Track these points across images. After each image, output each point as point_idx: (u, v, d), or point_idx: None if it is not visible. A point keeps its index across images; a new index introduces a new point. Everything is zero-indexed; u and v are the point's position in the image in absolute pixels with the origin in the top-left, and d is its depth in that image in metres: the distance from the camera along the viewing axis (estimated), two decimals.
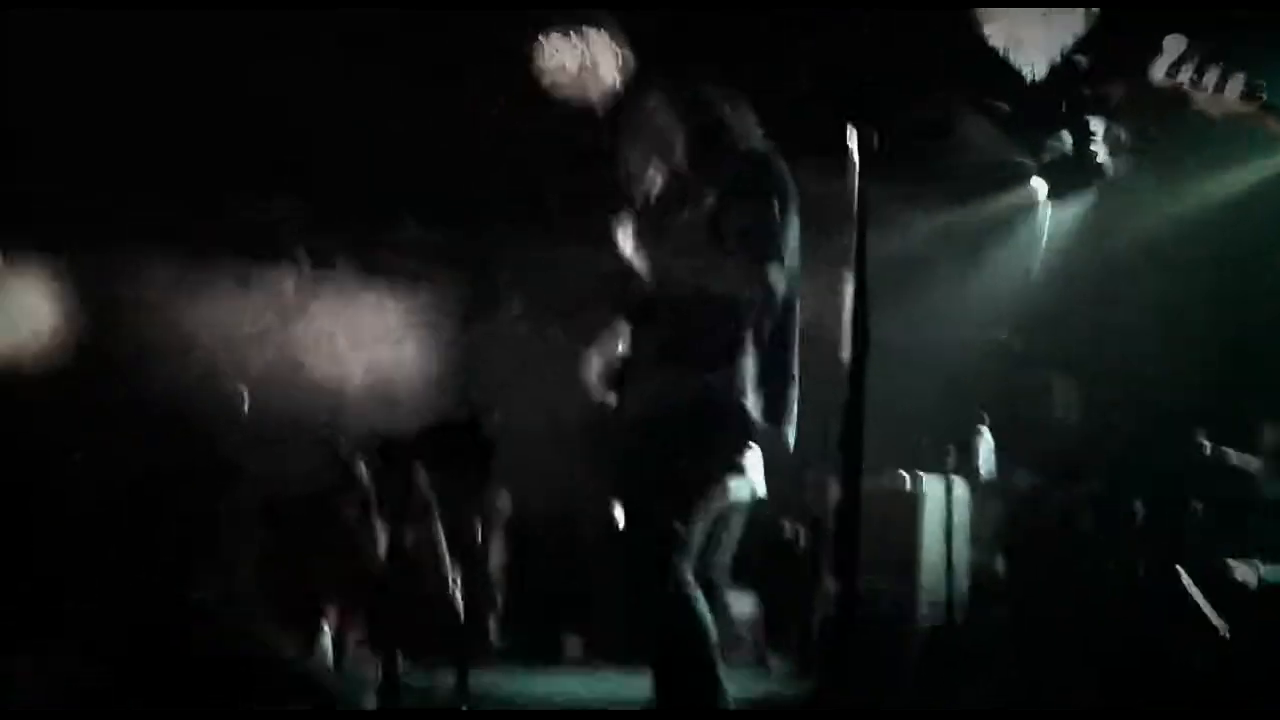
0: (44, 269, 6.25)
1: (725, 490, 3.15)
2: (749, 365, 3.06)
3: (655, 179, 3.28)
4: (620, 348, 3.24)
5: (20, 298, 6.23)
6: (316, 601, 5.76)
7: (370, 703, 4.59)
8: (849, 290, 2.01)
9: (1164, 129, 5.23)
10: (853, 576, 2.04)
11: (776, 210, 3.05)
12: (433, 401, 6.60)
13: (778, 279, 3.02)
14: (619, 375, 3.23)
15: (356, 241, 6.08)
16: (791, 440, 3.16)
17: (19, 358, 6.17)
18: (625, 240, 3.19)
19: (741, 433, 3.09)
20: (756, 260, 2.98)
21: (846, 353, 2.01)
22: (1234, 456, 4.62)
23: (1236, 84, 2.15)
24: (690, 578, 2.98)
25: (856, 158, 1.99)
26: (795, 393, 3.19)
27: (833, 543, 5.12)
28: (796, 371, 3.20)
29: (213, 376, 6.32)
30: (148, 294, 6.46)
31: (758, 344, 3.09)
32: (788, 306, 3.17)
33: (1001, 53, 4.54)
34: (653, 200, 3.24)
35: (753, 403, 3.06)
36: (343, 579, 5.89)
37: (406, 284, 6.99)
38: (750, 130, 3.30)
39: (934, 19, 4.01)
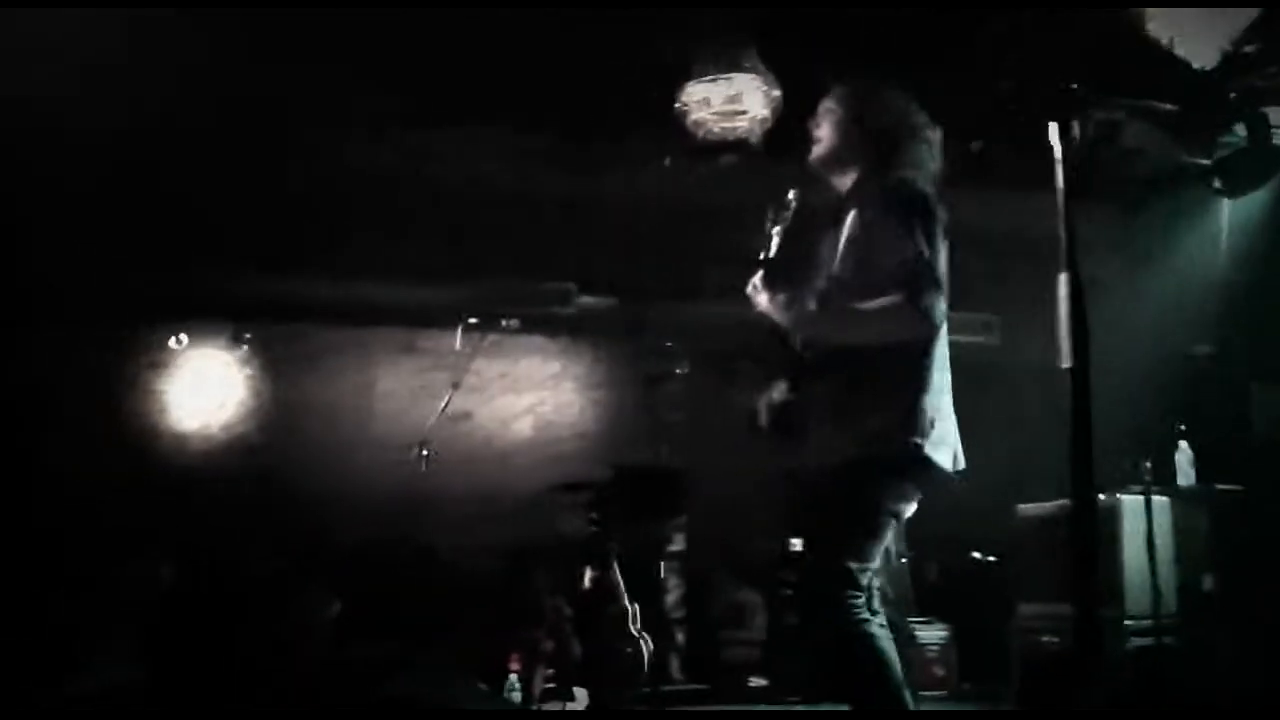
0: (225, 345, 6.47)
1: (896, 527, 3.08)
2: (920, 404, 2.97)
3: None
4: (789, 396, 3.18)
5: (202, 373, 6.45)
6: (502, 648, 5.76)
7: None
8: (1062, 294, 1.88)
9: None
10: (1092, 599, 1.89)
11: (930, 239, 2.96)
12: (604, 454, 6.60)
13: (938, 313, 2.93)
14: (792, 423, 3.17)
15: (519, 305, 6.13)
16: (957, 465, 3.05)
17: (205, 430, 6.39)
18: (759, 295, 3.16)
19: (918, 475, 3.00)
20: (915, 298, 2.89)
21: (1065, 362, 1.88)
22: None
23: None
24: (869, 614, 2.91)
25: (1060, 155, 1.87)
26: (952, 418, 3.08)
27: (1046, 565, 4.87)
28: (949, 397, 3.09)
29: (389, 438, 6.44)
30: (321, 362, 6.63)
31: (923, 379, 3.00)
32: (941, 333, 3.07)
33: (1166, 48, 4.31)
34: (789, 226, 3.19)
35: (928, 442, 2.96)
36: (527, 625, 5.89)
37: (571, 343, 7.03)
38: (922, 157, 3.20)
39: (1094, 19, 3.79)
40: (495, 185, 5.84)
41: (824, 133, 3.30)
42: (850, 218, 3.17)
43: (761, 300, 3.17)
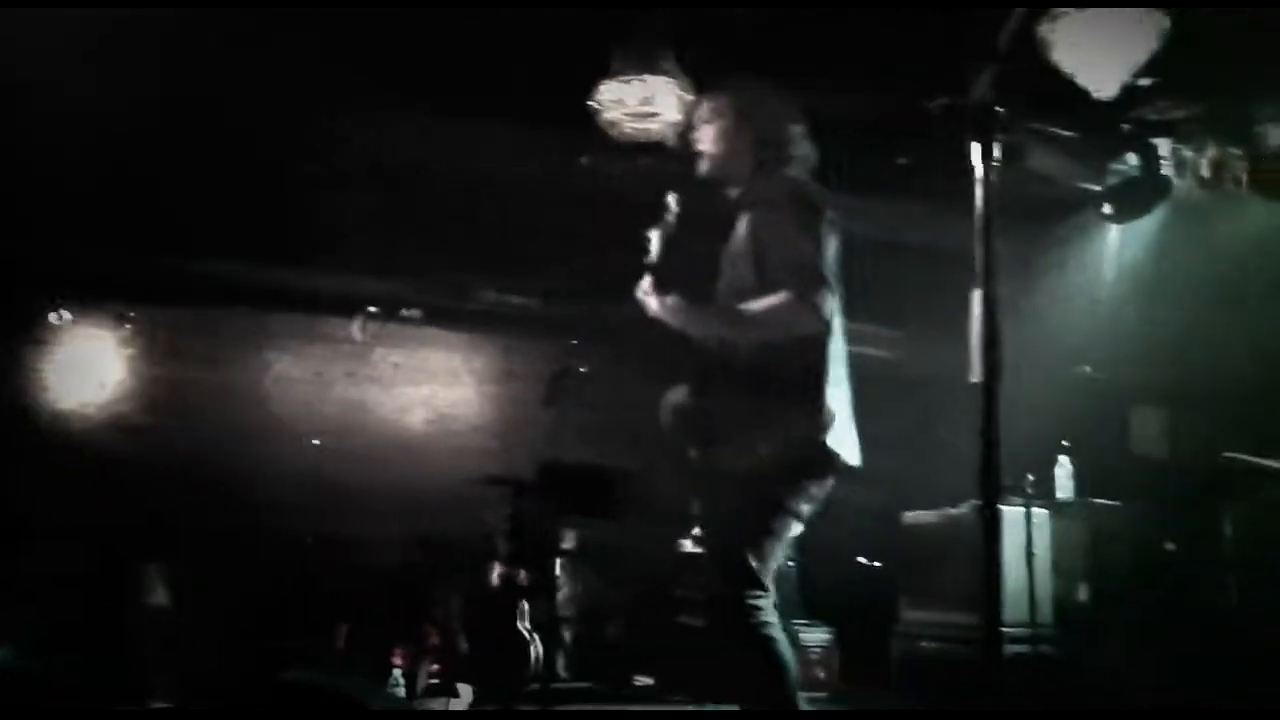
0: (108, 324, 6.25)
1: (798, 526, 3.11)
2: (820, 398, 3.00)
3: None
4: (692, 397, 3.19)
5: (85, 353, 6.23)
6: (386, 642, 5.68)
7: None
8: (976, 310, 1.92)
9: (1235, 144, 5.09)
10: (996, 608, 1.94)
11: (816, 235, 3.00)
12: (503, 449, 6.56)
13: (828, 308, 2.98)
14: (696, 424, 3.18)
15: (431, 300, 6.04)
16: (857, 459, 3.11)
17: (86, 411, 6.17)
18: (649, 300, 3.17)
19: (821, 469, 3.04)
20: (805, 294, 2.93)
21: (976, 375, 1.92)
22: None
23: None
24: (770, 614, 2.93)
25: (981, 173, 1.91)
26: (851, 415, 3.14)
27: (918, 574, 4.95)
28: (848, 393, 3.14)
29: (282, 427, 6.31)
30: (212, 346, 6.46)
31: (822, 374, 3.04)
32: (837, 329, 3.12)
33: (1068, 76, 4.44)
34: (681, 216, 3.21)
35: (830, 436, 3.00)
36: (415, 619, 5.83)
37: (473, 337, 6.97)
38: (801, 152, 3.25)
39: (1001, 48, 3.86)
40: (406, 173, 5.73)
41: (710, 141, 3.31)
42: (743, 224, 3.19)
43: (652, 304, 3.18)
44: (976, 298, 1.91)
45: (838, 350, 3.11)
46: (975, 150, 1.92)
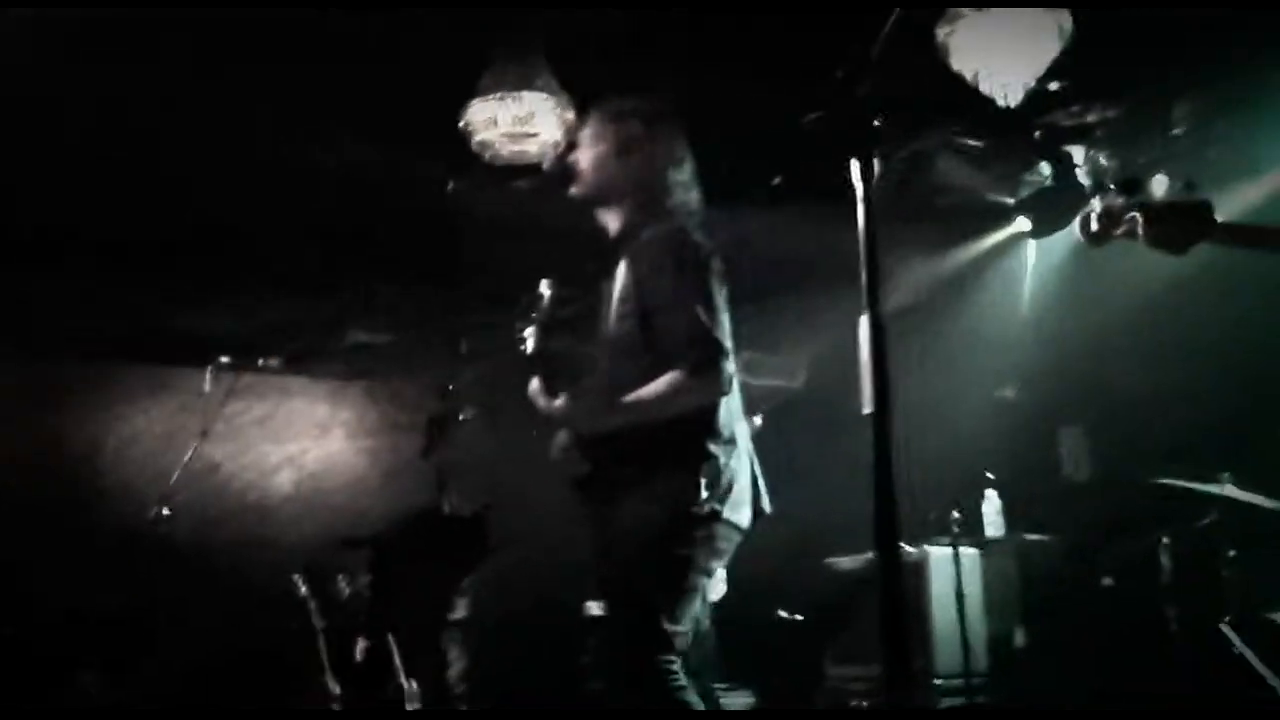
0: None
1: (705, 590, 3.14)
2: (714, 470, 3.04)
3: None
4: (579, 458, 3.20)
5: None
6: None
7: None
8: (863, 337, 1.94)
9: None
10: (905, 656, 1.95)
11: (707, 297, 3.03)
12: (381, 503, 6.48)
13: (725, 379, 3.02)
14: (588, 482, 3.20)
15: (288, 343, 5.94)
16: (763, 512, 3.15)
17: None
18: (539, 400, 3.20)
19: (721, 537, 3.07)
20: (698, 370, 2.97)
21: (866, 408, 1.94)
22: (1266, 501, 4.53)
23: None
24: (683, 678, 2.95)
25: (861, 191, 1.94)
26: (751, 470, 3.17)
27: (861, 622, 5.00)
28: (747, 447, 3.18)
29: (129, 488, 6.17)
30: (56, 399, 6.30)
31: (715, 443, 3.06)
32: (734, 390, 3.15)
33: (972, 82, 4.54)
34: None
35: (726, 507, 3.04)
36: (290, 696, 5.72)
37: (340, 384, 6.89)
38: (683, 198, 3.27)
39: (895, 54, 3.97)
40: (264, 204, 5.63)
41: (588, 164, 3.31)
42: (621, 270, 3.21)
43: (542, 404, 3.19)
44: (863, 323, 1.93)
45: (735, 409, 3.14)
46: (854, 167, 1.94)
